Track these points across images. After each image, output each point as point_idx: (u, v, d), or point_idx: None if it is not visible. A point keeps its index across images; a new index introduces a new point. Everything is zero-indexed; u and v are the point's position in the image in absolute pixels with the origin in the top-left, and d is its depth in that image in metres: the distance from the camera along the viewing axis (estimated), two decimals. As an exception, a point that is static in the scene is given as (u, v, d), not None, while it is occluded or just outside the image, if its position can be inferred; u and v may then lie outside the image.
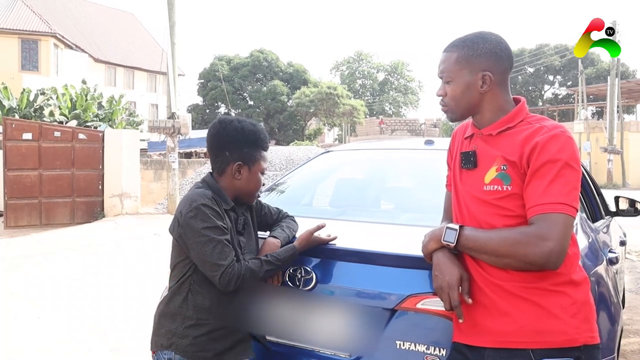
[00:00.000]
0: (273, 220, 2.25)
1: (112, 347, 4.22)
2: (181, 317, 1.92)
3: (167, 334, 1.94)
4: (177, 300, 1.94)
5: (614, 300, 2.37)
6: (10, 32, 29.84)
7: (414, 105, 62.20)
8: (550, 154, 1.51)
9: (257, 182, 2.03)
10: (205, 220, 1.84)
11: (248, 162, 1.99)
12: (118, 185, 12.70)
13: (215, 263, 1.82)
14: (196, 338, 1.90)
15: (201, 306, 1.92)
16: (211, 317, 1.92)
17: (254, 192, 2.05)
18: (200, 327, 1.91)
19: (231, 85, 45.21)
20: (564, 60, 48.90)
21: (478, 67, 1.64)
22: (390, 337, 1.88)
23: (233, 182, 2.00)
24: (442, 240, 1.64)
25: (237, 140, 1.98)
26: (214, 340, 1.92)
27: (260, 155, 2.03)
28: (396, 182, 3.34)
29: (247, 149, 1.99)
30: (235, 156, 1.98)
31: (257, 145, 2.02)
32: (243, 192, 2.03)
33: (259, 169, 2.02)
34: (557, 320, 1.52)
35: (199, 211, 1.85)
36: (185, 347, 1.91)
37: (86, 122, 19.51)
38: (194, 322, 1.91)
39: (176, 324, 1.93)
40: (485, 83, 1.65)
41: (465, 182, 1.71)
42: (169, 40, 14.05)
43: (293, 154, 13.31)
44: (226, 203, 1.97)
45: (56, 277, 6.77)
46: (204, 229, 1.83)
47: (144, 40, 45.36)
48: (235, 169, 1.98)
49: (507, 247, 1.51)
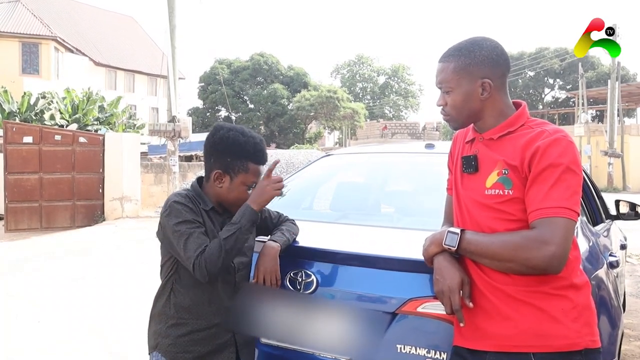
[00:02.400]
0: (273, 224, 2.24)
1: (112, 349, 4.22)
2: (165, 317, 1.95)
3: (153, 335, 1.98)
4: (162, 300, 1.97)
5: (614, 304, 2.37)
6: (11, 36, 29.88)
7: (415, 109, 62.26)
8: (551, 158, 1.51)
9: (240, 194, 1.95)
10: (177, 216, 1.86)
11: (229, 172, 1.95)
12: (118, 188, 12.69)
13: (189, 256, 1.82)
14: (177, 338, 1.92)
15: (181, 305, 1.93)
16: (191, 316, 1.93)
17: (235, 203, 1.95)
18: (181, 326, 1.92)
19: (231, 89, 45.23)
20: (564, 63, 48.92)
21: (477, 75, 1.65)
22: (390, 340, 1.88)
23: (215, 189, 1.98)
24: (444, 244, 1.64)
25: (220, 149, 1.96)
26: (195, 342, 1.92)
27: (244, 166, 1.94)
28: (397, 186, 3.35)
29: (230, 159, 1.94)
30: (218, 164, 1.96)
31: (242, 156, 1.94)
32: (224, 201, 1.99)
33: (244, 181, 1.95)
34: (558, 324, 1.52)
35: (172, 208, 1.88)
36: (167, 348, 1.93)
37: (86, 126, 19.56)
38: (175, 321, 1.93)
39: (160, 324, 1.96)
40: (486, 90, 1.65)
41: (466, 186, 1.71)
42: (169, 43, 14.07)
43: (293, 158, 13.31)
44: (205, 204, 1.96)
45: (56, 279, 6.77)
46: (176, 224, 1.85)
47: (144, 44, 45.42)
48: (215, 177, 1.96)
49: (508, 251, 1.52)
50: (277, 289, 2.07)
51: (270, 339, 2.14)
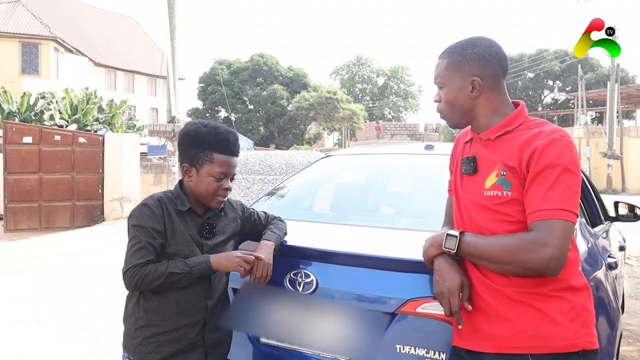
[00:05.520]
0: (263, 225, 2.25)
1: (112, 350, 4.22)
2: (134, 319, 1.97)
3: (124, 335, 2.01)
4: (132, 302, 2.00)
5: (613, 306, 2.38)
6: (11, 36, 29.86)
7: (414, 110, 62.20)
8: (549, 158, 1.51)
9: (208, 185, 1.95)
10: (138, 218, 1.89)
11: (195, 164, 1.96)
12: (118, 189, 12.69)
13: (127, 259, 1.85)
14: (145, 339, 1.94)
15: (150, 307, 1.94)
16: (160, 318, 1.94)
17: (208, 196, 1.97)
18: (150, 328, 1.94)
19: (231, 90, 45.20)
20: (563, 65, 48.95)
21: (467, 72, 1.66)
22: (390, 341, 1.89)
23: (188, 184, 2.00)
24: (443, 247, 1.65)
25: (185, 142, 2.00)
26: (163, 342, 1.93)
27: (208, 157, 1.94)
28: (396, 187, 3.35)
29: (194, 151, 1.97)
30: (184, 158, 2.00)
31: (204, 147, 1.95)
32: (196, 195, 1.99)
33: (209, 172, 1.94)
34: (556, 325, 1.53)
35: (138, 210, 1.91)
36: (136, 348, 1.95)
37: (86, 126, 19.54)
38: (144, 322, 1.95)
39: (129, 325, 1.99)
40: (475, 88, 1.66)
41: (465, 187, 1.71)
42: (169, 44, 14.09)
43: (293, 159, 13.27)
44: (182, 204, 1.97)
45: (56, 280, 6.77)
46: (133, 226, 1.89)
47: (144, 44, 45.41)
48: (184, 171, 1.99)
49: (507, 253, 1.52)
50: (271, 286, 2.07)
51: (270, 339, 2.14)
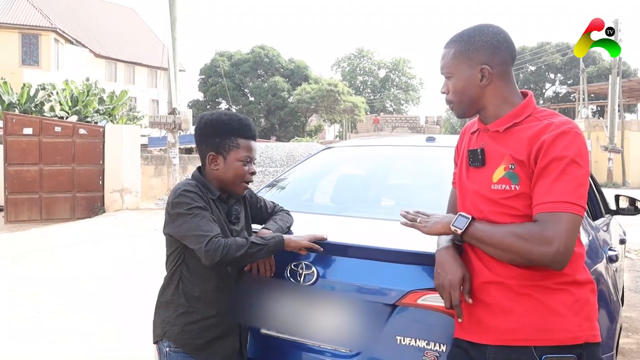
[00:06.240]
0: (268, 214, 2.28)
1: (112, 341, 4.24)
2: (174, 306, 1.98)
3: (162, 323, 2.00)
4: (170, 289, 2.00)
5: (613, 299, 2.38)
6: (11, 27, 29.77)
7: (415, 103, 62.07)
8: (556, 151, 1.49)
9: (237, 170, 2.00)
10: (189, 202, 1.90)
11: (221, 151, 1.99)
12: (118, 180, 12.69)
13: (201, 234, 1.84)
14: (187, 325, 1.96)
15: (191, 294, 1.97)
16: (201, 304, 1.97)
17: (236, 181, 2.01)
18: (191, 314, 1.96)
19: (232, 81, 45.13)
20: (565, 58, 48.82)
21: (476, 60, 1.63)
22: (390, 332, 1.89)
23: (213, 172, 2.02)
24: (451, 225, 1.61)
25: (208, 132, 2.02)
26: (204, 328, 1.97)
27: (234, 142, 1.99)
28: (397, 179, 3.35)
29: (219, 139, 1.99)
30: (209, 147, 2.01)
31: (230, 133, 1.99)
32: (224, 182, 2.02)
33: (237, 157, 1.99)
34: (560, 318, 1.52)
35: (183, 196, 1.91)
36: (177, 335, 1.96)
37: (86, 118, 19.52)
38: (185, 309, 1.97)
39: (169, 312, 1.99)
40: (485, 76, 1.62)
41: (472, 179, 1.69)
42: (170, 35, 14.04)
43: (294, 150, 13.31)
44: (211, 193, 1.99)
45: (57, 271, 6.79)
46: (189, 208, 1.89)
47: (144, 36, 45.26)
48: (210, 160, 2.01)
49: (511, 241, 1.50)
50: (270, 276, 2.09)
51: (271, 330, 2.15)
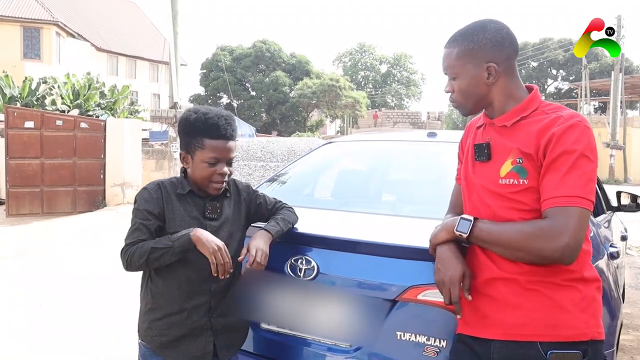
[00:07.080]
0: (268, 210, 2.19)
1: (113, 335, 4.25)
2: (144, 303, 2.03)
3: (138, 322, 2.05)
4: (142, 287, 2.05)
5: (614, 295, 2.38)
6: (12, 20, 29.74)
7: (417, 98, 61.95)
8: (566, 144, 1.47)
9: (202, 171, 1.96)
10: (137, 202, 1.96)
11: (190, 151, 1.99)
12: (120, 174, 12.69)
13: (125, 242, 1.92)
14: (152, 322, 1.98)
15: (156, 291, 1.98)
16: (164, 301, 1.97)
17: (203, 182, 1.97)
18: (155, 311, 1.98)
19: (233, 76, 45.06)
20: (567, 54, 48.64)
21: (481, 59, 1.61)
22: (390, 327, 1.89)
23: (187, 170, 2.04)
24: (455, 229, 1.60)
25: (180, 130, 2.03)
26: (168, 325, 1.96)
27: (200, 143, 1.95)
28: (398, 174, 3.34)
29: (188, 138, 1.99)
30: (181, 145, 2.03)
31: (195, 133, 1.96)
32: (195, 182, 2.01)
33: (202, 158, 1.95)
34: (567, 314, 1.51)
35: (138, 194, 1.98)
36: (145, 332, 2.00)
37: (88, 112, 19.50)
38: (151, 306, 1.99)
39: (140, 309, 2.04)
40: (491, 74, 1.61)
41: (478, 174, 1.67)
42: (171, 29, 14.00)
43: (295, 145, 13.26)
44: (182, 188, 2.00)
45: (58, 265, 6.80)
46: (134, 209, 1.96)
47: (146, 30, 45.20)
48: (182, 158, 2.02)
49: (521, 240, 1.49)
50: (272, 272, 2.07)
51: (271, 325, 2.15)
